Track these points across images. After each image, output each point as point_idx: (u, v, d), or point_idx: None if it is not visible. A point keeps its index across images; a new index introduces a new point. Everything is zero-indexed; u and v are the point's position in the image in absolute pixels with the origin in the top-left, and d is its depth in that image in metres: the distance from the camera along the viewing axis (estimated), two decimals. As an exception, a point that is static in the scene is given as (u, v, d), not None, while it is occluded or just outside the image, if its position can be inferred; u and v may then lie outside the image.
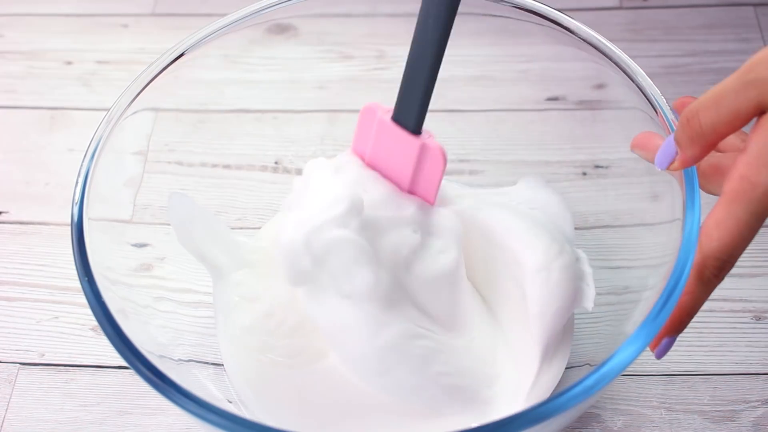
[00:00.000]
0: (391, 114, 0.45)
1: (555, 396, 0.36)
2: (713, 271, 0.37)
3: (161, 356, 0.43)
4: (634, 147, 0.44)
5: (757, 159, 0.35)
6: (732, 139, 0.43)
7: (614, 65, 0.48)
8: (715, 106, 0.36)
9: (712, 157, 0.42)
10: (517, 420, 0.36)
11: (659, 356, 0.41)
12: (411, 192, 0.47)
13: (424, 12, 0.41)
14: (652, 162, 0.42)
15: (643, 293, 0.44)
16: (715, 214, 0.37)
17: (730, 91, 0.36)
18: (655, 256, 0.45)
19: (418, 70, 0.43)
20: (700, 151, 0.38)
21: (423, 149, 0.45)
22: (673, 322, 0.39)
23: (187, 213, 0.51)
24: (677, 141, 0.39)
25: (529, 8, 0.51)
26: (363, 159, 0.47)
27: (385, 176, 0.47)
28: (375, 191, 0.46)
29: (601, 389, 0.37)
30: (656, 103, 0.45)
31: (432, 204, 0.47)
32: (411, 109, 0.44)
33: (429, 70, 0.42)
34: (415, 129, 0.44)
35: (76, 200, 0.44)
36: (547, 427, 0.37)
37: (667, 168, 0.40)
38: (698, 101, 0.37)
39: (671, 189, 0.43)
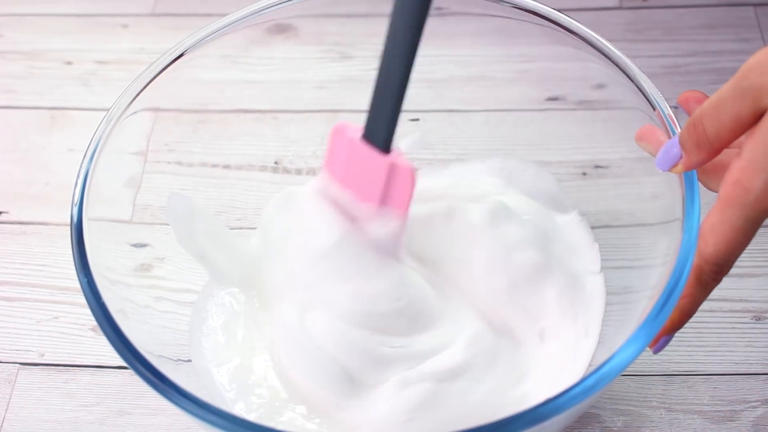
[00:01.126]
0: (360, 132, 0.44)
1: (555, 396, 0.36)
2: (711, 275, 0.38)
3: (161, 356, 0.43)
4: (639, 139, 0.44)
5: (751, 164, 0.35)
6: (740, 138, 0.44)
7: (614, 65, 0.48)
8: (716, 113, 0.36)
9: None
10: (517, 420, 0.36)
11: (656, 351, 0.41)
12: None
13: (392, 27, 0.40)
14: (655, 155, 0.42)
15: (643, 293, 0.44)
16: (710, 219, 0.37)
17: (728, 98, 0.36)
18: (655, 256, 0.45)
19: (387, 87, 0.42)
20: (707, 156, 0.38)
21: (392, 168, 0.44)
22: (672, 323, 0.40)
23: (186, 213, 0.51)
24: (683, 145, 0.39)
25: (529, 8, 0.51)
26: (335, 179, 0.47)
27: (358, 196, 0.46)
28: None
29: (601, 389, 0.37)
30: (656, 103, 0.45)
31: (404, 218, 0.46)
32: (380, 128, 0.43)
33: (398, 86, 0.41)
34: (385, 147, 0.44)
35: (75, 201, 0.44)
36: (548, 428, 0.37)
37: (670, 170, 0.40)
38: (702, 108, 0.37)
39: (671, 189, 0.43)
